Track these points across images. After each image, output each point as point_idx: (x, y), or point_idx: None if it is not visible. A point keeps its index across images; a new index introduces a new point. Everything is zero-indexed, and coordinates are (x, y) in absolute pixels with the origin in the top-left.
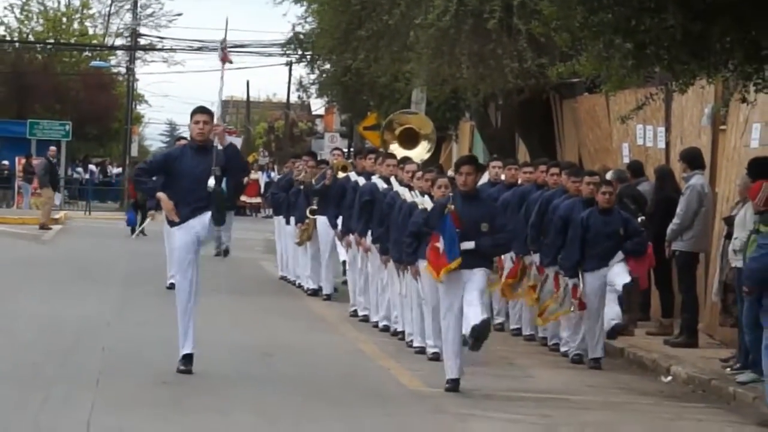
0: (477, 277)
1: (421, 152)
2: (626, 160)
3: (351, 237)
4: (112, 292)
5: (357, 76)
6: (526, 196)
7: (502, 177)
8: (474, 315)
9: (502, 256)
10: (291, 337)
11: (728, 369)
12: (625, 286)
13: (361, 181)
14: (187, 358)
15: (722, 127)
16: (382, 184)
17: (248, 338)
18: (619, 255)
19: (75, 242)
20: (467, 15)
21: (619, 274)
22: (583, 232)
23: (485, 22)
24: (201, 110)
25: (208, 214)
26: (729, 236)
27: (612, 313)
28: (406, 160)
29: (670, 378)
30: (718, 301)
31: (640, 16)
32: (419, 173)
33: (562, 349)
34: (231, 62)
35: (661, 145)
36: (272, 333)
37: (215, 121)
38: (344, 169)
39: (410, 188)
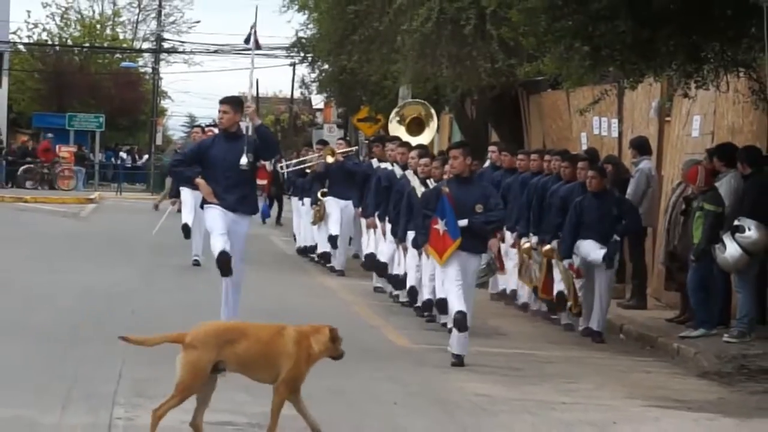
0: (471, 268)
1: (428, 136)
2: (584, 148)
3: (370, 219)
4: (140, 262)
5: (351, 75)
6: (527, 181)
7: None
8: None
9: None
10: (295, 300)
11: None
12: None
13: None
14: None
15: (667, 118)
16: (399, 171)
17: (258, 302)
18: (615, 238)
19: (108, 219)
20: (447, 22)
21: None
22: (578, 216)
23: (462, 28)
24: (222, 101)
25: (245, 222)
26: (685, 212)
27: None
28: (417, 148)
29: (622, 336)
30: (663, 269)
31: (596, 23)
32: (423, 160)
33: (563, 322)
34: (260, 47)
35: (615, 134)
36: (279, 297)
37: (249, 100)
38: (332, 153)
39: (416, 174)
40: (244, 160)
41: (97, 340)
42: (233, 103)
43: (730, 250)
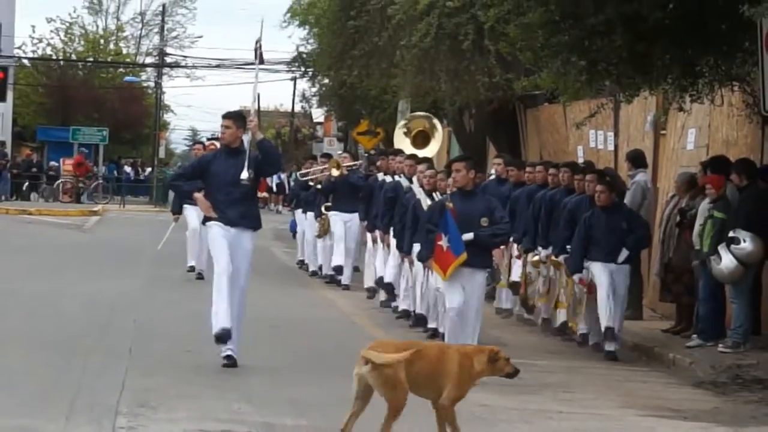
0: (477, 285)
1: (434, 149)
2: (581, 161)
3: (377, 232)
4: (143, 274)
5: (351, 89)
6: (533, 194)
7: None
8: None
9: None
10: (295, 311)
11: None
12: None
13: (388, 180)
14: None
15: (662, 132)
16: (405, 183)
17: (259, 312)
18: (624, 252)
19: (111, 231)
20: (445, 37)
21: (619, 289)
22: (587, 231)
23: (460, 43)
24: (225, 116)
25: (249, 237)
26: (680, 224)
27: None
28: (424, 161)
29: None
30: (659, 280)
31: (592, 38)
32: (428, 172)
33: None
34: (263, 62)
35: (611, 147)
36: (279, 308)
37: (252, 114)
38: (338, 167)
39: (423, 188)
40: (245, 175)
41: (100, 350)
42: (236, 118)
43: (726, 261)
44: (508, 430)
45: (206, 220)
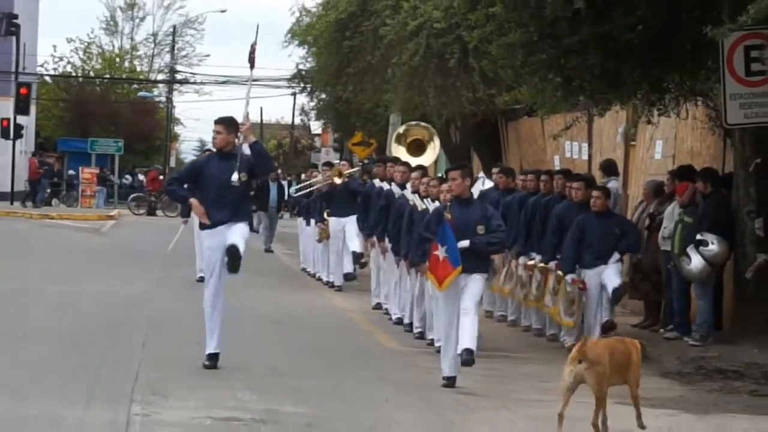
0: (474, 284)
1: (429, 157)
2: (557, 169)
3: (372, 238)
4: (155, 273)
5: (346, 104)
6: (524, 201)
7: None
8: (468, 337)
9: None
10: (295, 309)
11: (662, 330)
12: (615, 290)
13: (385, 187)
14: (212, 357)
15: (632, 143)
16: (397, 190)
17: (262, 309)
18: (616, 255)
19: (126, 234)
20: (433, 56)
21: (610, 277)
22: (580, 234)
23: (447, 61)
24: (216, 121)
25: (239, 226)
26: (649, 228)
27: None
28: (417, 168)
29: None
30: (628, 279)
31: (567, 57)
32: (425, 179)
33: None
34: (254, 66)
35: (585, 157)
36: (281, 306)
37: (245, 118)
38: (339, 174)
39: (418, 193)
40: (235, 177)
41: (116, 344)
42: (226, 123)
43: (695, 262)
44: (491, 417)
45: (202, 226)
